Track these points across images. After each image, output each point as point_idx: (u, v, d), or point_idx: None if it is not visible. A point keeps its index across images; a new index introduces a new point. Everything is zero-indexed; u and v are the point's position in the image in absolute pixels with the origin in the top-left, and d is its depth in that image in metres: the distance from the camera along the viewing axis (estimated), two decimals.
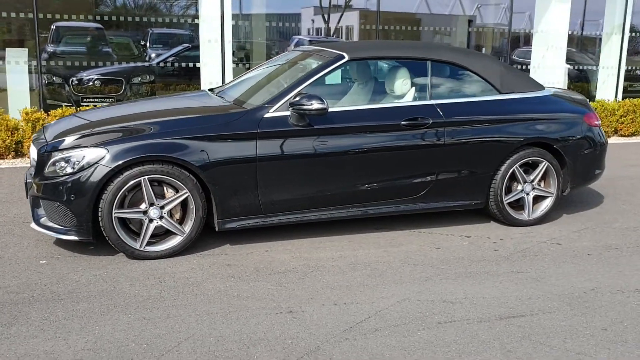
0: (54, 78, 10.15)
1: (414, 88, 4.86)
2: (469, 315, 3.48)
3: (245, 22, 17.07)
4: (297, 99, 4.29)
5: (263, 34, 16.71)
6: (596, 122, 5.25)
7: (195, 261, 4.18)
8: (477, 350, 3.10)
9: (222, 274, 3.98)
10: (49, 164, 4.12)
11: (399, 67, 4.88)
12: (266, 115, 4.31)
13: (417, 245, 4.61)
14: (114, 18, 16.56)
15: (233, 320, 3.35)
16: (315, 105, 4.22)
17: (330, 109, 4.47)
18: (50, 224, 4.15)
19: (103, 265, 4.06)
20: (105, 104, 9.79)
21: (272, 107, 4.35)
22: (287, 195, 4.39)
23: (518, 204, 5.10)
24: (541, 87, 5.26)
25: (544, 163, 4.99)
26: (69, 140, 4.18)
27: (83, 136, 4.18)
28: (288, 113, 4.33)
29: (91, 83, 10.13)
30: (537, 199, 5.14)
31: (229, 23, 9.10)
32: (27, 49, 9.17)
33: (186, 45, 12.58)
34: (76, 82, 10.07)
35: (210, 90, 5.38)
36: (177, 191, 4.16)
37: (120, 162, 3.97)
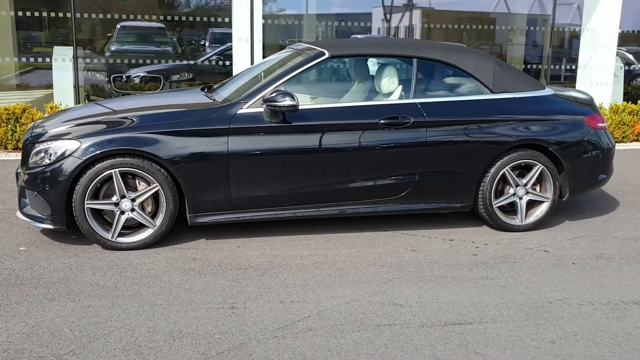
0: (98, 75, 10.60)
1: (401, 86, 4.75)
2: (413, 319, 3.37)
3: (308, 22, 17.10)
4: (272, 95, 4.28)
5: (328, 34, 16.68)
6: (600, 125, 4.95)
7: (164, 254, 4.25)
8: (404, 356, 2.99)
9: (184, 267, 4.03)
10: (32, 154, 4.30)
11: (386, 65, 4.79)
12: (239, 112, 4.33)
13: (394, 246, 4.50)
14: (176, 18, 17.06)
15: (172, 313, 3.39)
16: (285, 102, 4.20)
17: (306, 106, 4.46)
18: (31, 213, 4.33)
19: (75, 254, 4.20)
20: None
21: (247, 103, 4.37)
22: (260, 192, 4.39)
23: (512, 208, 4.89)
24: (541, 87, 5.02)
25: (538, 166, 4.76)
26: (51, 131, 4.35)
27: (64, 128, 4.34)
28: (262, 110, 4.33)
29: (131, 80, 10.49)
30: (534, 204, 4.91)
31: (258, 23, 9.20)
32: (71, 47, 9.60)
33: (229, 44, 12.80)
34: (118, 79, 10.46)
35: (209, 87, 5.42)
36: (148, 184, 4.24)
37: (90, 155, 4.09)
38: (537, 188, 4.89)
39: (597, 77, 10.46)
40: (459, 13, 18.24)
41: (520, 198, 4.82)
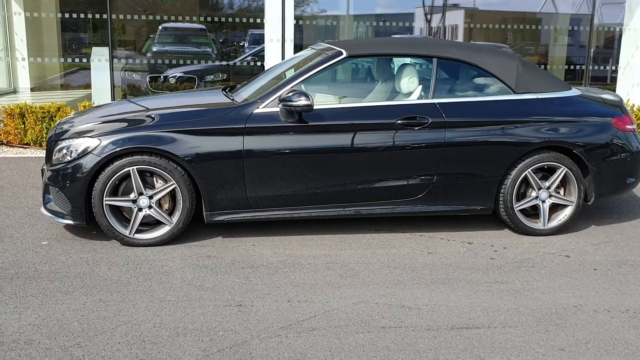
0: (134, 75, 10.83)
1: (421, 86, 4.69)
2: (419, 322, 3.32)
3: (348, 23, 17.03)
4: (288, 95, 4.29)
5: (368, 34, 16.58)
6: (629, 127, 4.79)
7: (180, 251, 4.30)
8: (405, 358, 2.95)
9: (197, 264, 4.07)
10: (55, 151, 4.42)
11: (406, 65, 4.74)
12: (255, 111, 4.35)
13: (409, 248, 4.45)
14: (216, 19, 17.28)
15: (180, 309, 3.43)
16: (300, 101, 4.20)
17: (322, 106, 4.45)
18: (54, 209, 4.44)
19: (94, 249, 4.30)
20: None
21: (263, 103, 4.39)
22: (275, 191, 4.40)
23: (535, 212, 4.77)
24: (567, 87, 4.88)
25: (562, 169, 4.63)
26: (73, 129, 4.46)
27: (86, 125, 4.44)
28: (278, 109, 4.35)
29: (167, 80, 10.68)
30: (557, 207, 4.78)
31: (290, 24, 9.25)
32: (107, 48, 9.84)
33: (264, 45, 12.90)
34: (154, 79, 10.66)
35: (232, 87, 5.44)
36: (166, 182, 4.30)
37: (109, 153, 4.17)
38: (561, 191, 4.77)
39: (639, 78, 10.13)
40: (504, 13, 17.86)
41: (543, 201, 4.70)
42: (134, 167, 4.22)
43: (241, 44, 17.03)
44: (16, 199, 5.46)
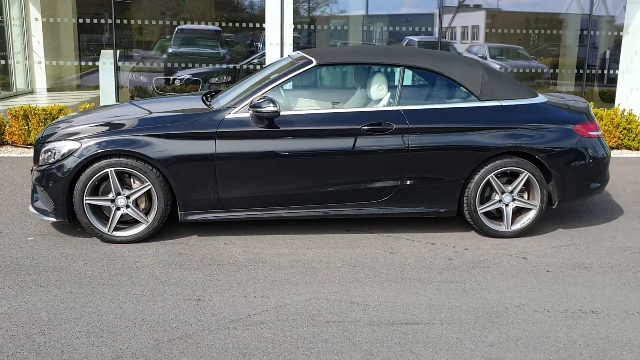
0: (141, 77, 11.18)
1: (389, 93, 4.89)
2: (363, 317, 3.53)
3: (360, 24, 17.14)
4: (258, 101, 4.52)
5: (383, 37, 16.66)
6: (592, 133, 4.93)
7: (154, 248, 4.56)
8: (340, 351, 3.17)
9: (168, 261, 4.33)
10: (41, 152, 4.71)
11: (376, 73, 4.95)
12: (227, 117, 4.59)
13: (374, 248, 4.65)
14: (230, 24, 17.58)
15: (142, 302, 3.68)
16: (268, 108, 4.43)
17: (291, 112, 4.69)
18: (40, 207, 4.74)
19: (75, 246, 4.58)
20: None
21: (235, 108, 4.63)
22: (246, 192, 4.64)
23: (500, 215, 4.94)
24: (532, 95, 5.04)
25: (524, 174, 4.79)
26: (59, 132, 4.75)
27: (70, 129, 4.72)
28: (249, 115, 4.58)
29: (172, 82, 11.01)
30: (522, 211, 4.94)
31: (289, 29, 9.50)
32: (111, 51, 10.19)
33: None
34: (160, 81, 11.00)
35: (217, 92, 5.68)
36: (142, 183, 4.57)
37: (88, 155, 4.45)
38: (525, 195, 4.92)
39: (639, 82, 10.17)
40: (527, 14, 17.72)
41: (507, 205, 4.86)
42: (112, 169, 4.50)
43: (252, 47, 17.31)
44: (12, 196, 5.78)
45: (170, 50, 13.31)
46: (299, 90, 5.32)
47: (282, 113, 4.55)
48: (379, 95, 4.92)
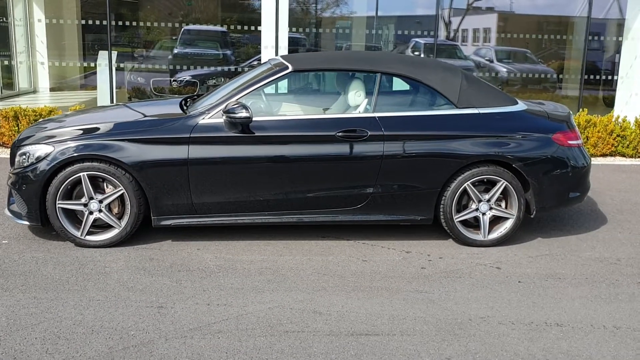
0: (139, 78, 11.22)
1: (366, 100, 4.86)
2: (323, 327, 3.50)
3: (378, 25, 16.98)
4: (232, 107, 4.51)
5: (389, 38, 16.52)
6: (571, 142, 4.86)
7: (126, 252, 4.56)
8: None
9: (137, 266, 4.32)
10: (17, 155, 4.73)
11: (351, 79, 4.93)
12: (201, 122, 4.58)
13: (347, 256, 4.62)
14: (235, 26, 17.59)
15: (104, 308, 3.67)
16: (241, 114, 4.42)
17: (265, 118, 4.68)
18: (15, 210, 4.75)
19: (48, 249, 4.58)
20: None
21: (209, 114, 4.61)
22: (219, 198, 4.62)
23: (478, 223, 4.89)
24: (512, 102, 4.98)
25: (501, 182, 4.74)
26: (35, 136, 4.75)
27: (45, 133, 4.73)
28: (222, 120, 4.57)
29: (170, 84, 11.04)
30: (499, 220, 4.89)
31: (283, 32, 9.49)
32: (106, 52, 10.22)
33: None
34: (157, 82, 11.03)
35: (199, 97, 5.67)
36: (115, 188, 4.57)
37: (60, 159, 4.46)
38: (503, 204, 4.87)
39: (638, 88, 10.05)
40: (539, 17, 17.53)
41: (484, 213, 4.81)
42: (84, 173, 4.50)
43: (257, 49, 17.30)
44: None
45: (175, 51, 13.36)
46: (278, 95, 5.30)
47: (256, 119, 4.54)
48: (357, 102, 4.89)
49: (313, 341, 3.35)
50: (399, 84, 4.90)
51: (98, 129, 4.65)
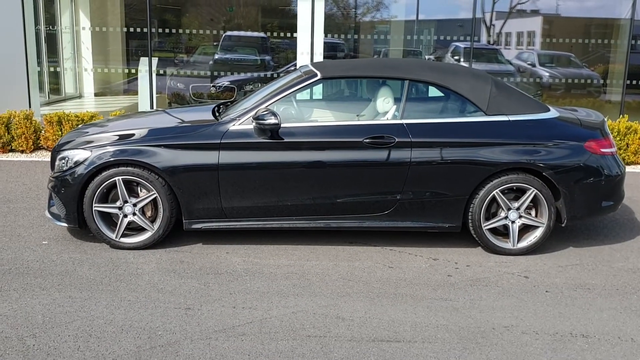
0: (179, 84, 11.47)
1: (395, 106, 4.89)
2: (345, 333, 3.54)
3: (419, 29, 16.87)
4: (262, 113, 4.60)
5: (431, 42, 16.36)
6: (604, 150, 4.78)
7: (158, 255, 4.69)
8: None
9: (168, 268, 4.44)
10: (56, 159, 4.92)
11: (380, 86, 4.97)
12: (231, 128, 4.68)
13: (373, 262, 4.65)
14: (278, 32, 17.77)
15: (134, 309, 3.80)
16: (270, 120, 4.51)
17: (294, 124, 4.76)
18: (54, 212, 4.95)
19: (84, 251, 4.76)
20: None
21: (239, 120, 4.72)
22: (248, 202, 4.72)
23: (507, 232, 4.85)
24: (543, 109, 4.93)
25: (531, 190, 4.70)
26: (75, 141, 4.94)
27: (84, 138, 4.92)
28: (252, 127, 4.67)
29: (208, 89, 11.26)
30: (529, 228, 4.84)
31: (319, 38, 9.58)
32: (147, 58, 10.49)
33: None
34: (196, 88, 11.26)
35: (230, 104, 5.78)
36: (148, 192, 4.71)
37: (97, 164, 4.62)
38: (533, 212, 4.82)
39: None
40: (585, 20, 17.16)
41: (513, 222, 4.78)
42: (119, 177, 4.65)
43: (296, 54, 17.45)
44: (37, 200, 6.05)
45: (216, 57, 13.62)
46: (309, 102, 5.37)
47: (284, 125, 4.62)
48: (385, 108, 4.93)
49: (334, 346, 3.39)
50: (427, 91, 4.90)
51: (133, 134, 4.81)
